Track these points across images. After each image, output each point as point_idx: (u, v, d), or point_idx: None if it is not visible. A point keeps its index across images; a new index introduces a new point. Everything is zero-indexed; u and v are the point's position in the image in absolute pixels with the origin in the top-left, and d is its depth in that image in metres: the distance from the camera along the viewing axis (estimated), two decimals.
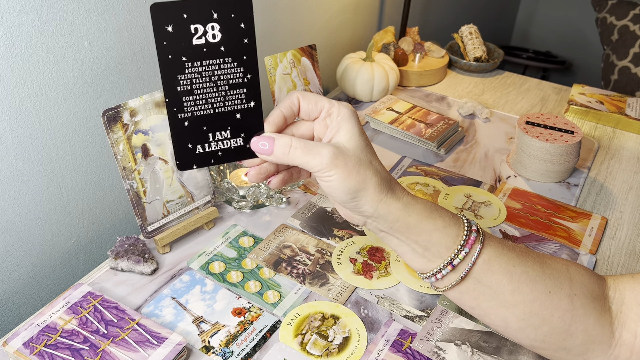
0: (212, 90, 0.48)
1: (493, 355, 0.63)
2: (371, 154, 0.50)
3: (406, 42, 1.31)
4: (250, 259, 0.75)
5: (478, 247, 0.50)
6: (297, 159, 0.48)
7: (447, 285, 0.52)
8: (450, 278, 0.51)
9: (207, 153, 0.50)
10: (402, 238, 0.51)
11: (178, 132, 0.48)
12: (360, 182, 0.48)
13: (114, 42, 0.75)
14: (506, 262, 0.50)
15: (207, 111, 0.48)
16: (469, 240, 0.50)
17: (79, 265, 0.83)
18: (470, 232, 0.51)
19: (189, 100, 0.47)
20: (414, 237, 0.50)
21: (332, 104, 0.50)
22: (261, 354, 0.63)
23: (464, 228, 0.51)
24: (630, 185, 0.97)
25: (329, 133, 0.50)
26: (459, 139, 1.08)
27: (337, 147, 0.48)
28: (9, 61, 0.64)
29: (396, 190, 0.50)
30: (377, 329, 0.66)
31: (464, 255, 0.50)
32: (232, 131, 0.50)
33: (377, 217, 0.50)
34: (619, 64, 1.94)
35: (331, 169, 0.47)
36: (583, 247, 0.81)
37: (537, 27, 2.73)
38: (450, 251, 0.50)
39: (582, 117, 1.17)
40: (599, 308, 0.51)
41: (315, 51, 0.97)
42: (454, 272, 0.51)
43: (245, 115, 0.50)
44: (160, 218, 0.74)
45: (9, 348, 0.59)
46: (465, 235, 0.50)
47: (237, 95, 0.49)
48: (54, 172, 0.74)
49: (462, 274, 0.50)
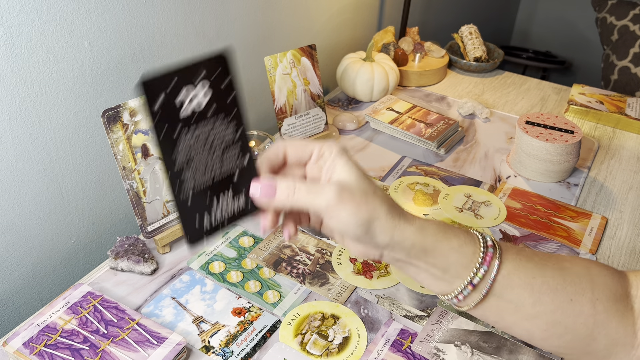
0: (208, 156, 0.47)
1: (493, 355, 0.63)
2: (372, 183, 0.49)
3: (406, 42, 1.31)
4: (250, 259, 0.75)
5: (496, 263, 0.49)
6: (301, 199, 0.46)
7: (470, 305, 0.51)
8: (473, 298, 0.50)
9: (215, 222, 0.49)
10: (420, 264, 0.50)
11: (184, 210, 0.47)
12: (370, 211, 0.47)
13: (114, 42, 0.75)
14: (525, 274, 0.50)
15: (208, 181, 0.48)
16: (486, 257, 0.49)
17: (79, 265, 0.83)
18: (487, 249, 0.50)
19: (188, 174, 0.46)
20: (431, 261, 0.49)
21: (320, 145, 0.49)
22: (261, 353, 0.63)
23: (479, 245, 0.50)
24: (630, 185, 0.97)
25: (326, 174, 0.49)
26: (459, 138, 1.08)
27: (339, 183, 0.47)
28: (9, 61, 0.64)
29: (407, 215, 0.49)
30: (377, 329, 0.66)
31: (483, 273, 0.49)
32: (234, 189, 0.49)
33: (393, 245, 0.48)
34: (619, 64, 1.94)
35: (338, 204, 0.46)
36: (583, 247, 0.81)
37: (537, 27, 2.73)
38: (468, 270, 0.49)
39: (582, 117, 1.17)
40: (622, 309, 0.50)
41: (315, 51, 0.97)
42: (475, 291, 0.50)
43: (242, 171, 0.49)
44: (160, 218, 0.74)
45: (9, 348, 0.59)
46: (482, 252, 0.49)
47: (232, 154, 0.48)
48: (54, 172, 0.74)
49: (484, 292, 0.49)
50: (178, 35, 0.84)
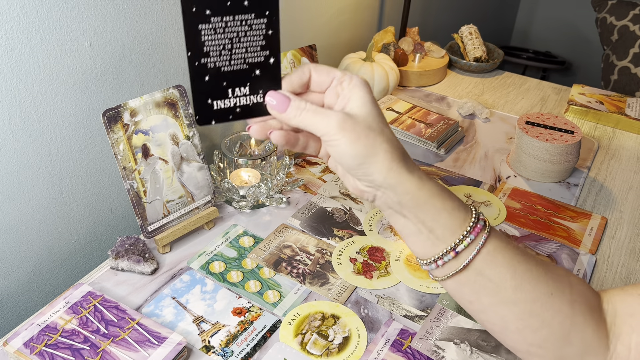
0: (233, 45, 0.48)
1: (492, 354, 0.63)
2: (383, 122, 0.49)
3: (406, 42, 1.31)
4: (250, 259, 0.75)
5: (484, 236, 0.49)
6: (306, 119, 0.48)
7: (447, 274, 0.50)
8: (451, 266, 0.50)
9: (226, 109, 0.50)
10: (410, 216, 0.50)
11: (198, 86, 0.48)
12: (369, 147, 0.47)
13: (114, 42, 0.75)
14: (510, 257, 0.49)
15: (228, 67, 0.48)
16: (475, 227, 0.49)
17: (80, 265, 0.83)
18: (478, 220, 0.49)
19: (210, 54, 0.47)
20: (421, 216, 0.49)
21: (344, 73, 0.50)
22: (261, 353, 0.63)
23: (472, 215, 0.50)
24: (630, 185, 0.97)
25: (341, 102, 0.50)
26: (459, 139, 1.08)
27: (346, 113, 0.47)
28: (10, 61, 0.64)
29: (409, 163, 0.49)
30: (377, 329, 0.66)
31: (469, 242, 0.48)
32: (251, 87, 0.50)
33: (387, 187, 0.48)
34: (619, 64, 1.94)
35: (338, 132, 0.46)
36: (583, 247, 0.81)
37: (537, 27, 2.73)
38: (455, 236, 0.49)
39: (582, 117, 1.17)
40: (597, 318, 0.50)
41: (315, 51, 0.97)
42: (456, 259, 0.49)
43: (265, 71, 0.50)
44: (160, 218, 0.74)
45: (9, 348, 0.59)
46: (472, 222, 0.49)
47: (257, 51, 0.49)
48: (54, 172, 0.74)
49: (465, 262, 0.49)
50: (178, 35, 0.84)
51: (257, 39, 0.48)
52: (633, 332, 0.49)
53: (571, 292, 0.50)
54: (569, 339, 0.49)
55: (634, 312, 0.50)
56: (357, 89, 0.49)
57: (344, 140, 0.47)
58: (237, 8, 0.46)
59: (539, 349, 0.50)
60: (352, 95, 0.49)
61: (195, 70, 0.47)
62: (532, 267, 0.50)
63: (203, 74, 0.48)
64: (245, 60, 0.49)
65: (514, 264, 0.49)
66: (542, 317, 0.49)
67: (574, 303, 0.49)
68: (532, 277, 0.49)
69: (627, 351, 0.49)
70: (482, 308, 0.51)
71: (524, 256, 0.50)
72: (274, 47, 0.49)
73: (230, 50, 0.48)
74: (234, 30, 0.47)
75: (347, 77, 0.49)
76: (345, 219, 0.84)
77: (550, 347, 0.50)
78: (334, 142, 0.47)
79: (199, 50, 0.46)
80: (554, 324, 0.49)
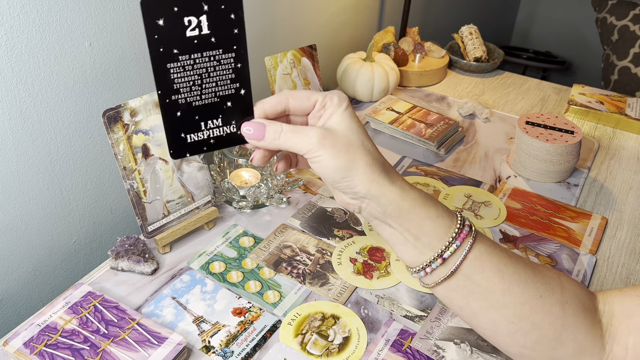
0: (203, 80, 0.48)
1: (492, 354, 0.63)
2: (364, 136, 0.50)
3: (406, 42, 1.31)
4: (250, 259, 0.75)
5: (470, 241, 0.49)
6: (287, 141, 0.48)
7: (436, 281, 0.51)
8: (440, 273, 0.50)
9: (200, 141, 0.51)
10: (395, 225, 0.50)
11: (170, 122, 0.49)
12: (349, 161, 0.48)
13: (114, 42, 0.75)
14: (497, 260, 0.50)
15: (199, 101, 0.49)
16: (461, 233, 0.49)
17: (80, 265, 0.83)
18: (463, 226, 0.50)
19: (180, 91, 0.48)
20: (406, 225, 0.50)
21: (324, 95, 0.51)
22: (261, 353, 0.63)
23: (457, 221, 0.50)
24: (630, 185, 0.97)
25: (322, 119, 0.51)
26: (459, 139, 1.08)
27: (325, 129, 0.48)
28: (10, 61, 0.64)
29: (391, 174, 0.50)
30: (377, 329, 0.66)
31: (455, 248, 0.49)
32: (224, 119, 0.50)
33: (370, 198, 0.49)
34: (619, 64, 1.94)
35: (319, 148, 0.47)
36: (583, 247, 0.81)
37: (537, 27, 2.73)
38: (441, 243, 0.49)
39: (582, 117, 1.17)
40: (590, 319, 0.50)
41: (315, 51, 0.97)
42: (443, 266, 0.50)
43: (236, 103, 0.50)
44: (160, 218, 0.74)
45: (9, 348, 0.59)
46: (457, 228, 0.50)
47: (227, 84, 0.50)
48: (54, 172, 0.74)
49: (453, 268, 0.49)
50: None
51: (227, 72, 0.49)
52: (630, 333, 0.49)
53: (562, 294, 0.50)
54: (561, 341, 0.49)
55: (632, 313, 0.50)
56: (336, 106, 0.50)
57: (325, 156, 0.48)
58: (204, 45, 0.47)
59: (531, 352, 0.50)
60: (334, 113, 0.50)
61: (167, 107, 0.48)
62: (520, 270, 0.50)
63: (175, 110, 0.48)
64: (217, 94, 0.49)
65: (502, 267, 0.50)
66: (532, 320, 0.49)
67: (565, 304, 0.49)
68: (520, 279, 0.50)
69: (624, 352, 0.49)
70: (473, 313, 0.51)
71: (511, 259, 0.51)
72: (244, 80, 0.50)
73: (200, 85, 0.48)
74: (203, 66, 0.48)
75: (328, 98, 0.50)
76: (345, 219, 0.84)
77: (542, 349, 0.50)
78: (316, 159, 0.48)
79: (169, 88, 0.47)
80: (544, 325, 0.49)
